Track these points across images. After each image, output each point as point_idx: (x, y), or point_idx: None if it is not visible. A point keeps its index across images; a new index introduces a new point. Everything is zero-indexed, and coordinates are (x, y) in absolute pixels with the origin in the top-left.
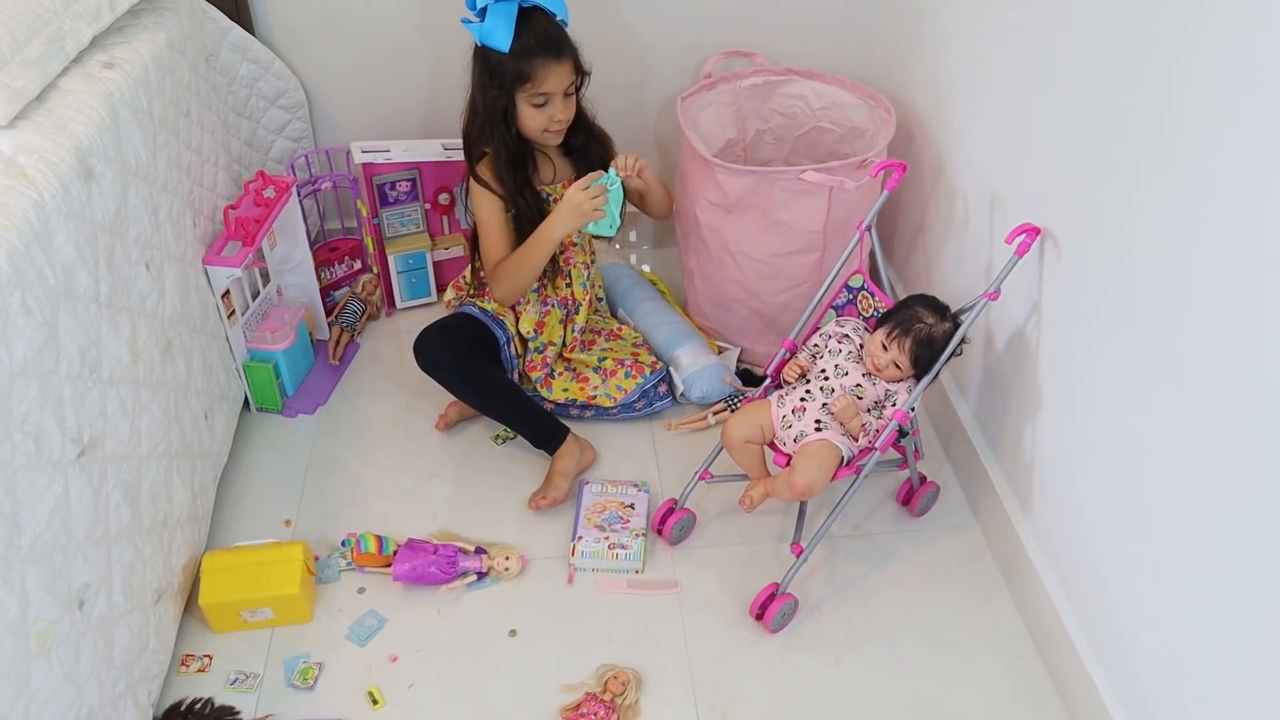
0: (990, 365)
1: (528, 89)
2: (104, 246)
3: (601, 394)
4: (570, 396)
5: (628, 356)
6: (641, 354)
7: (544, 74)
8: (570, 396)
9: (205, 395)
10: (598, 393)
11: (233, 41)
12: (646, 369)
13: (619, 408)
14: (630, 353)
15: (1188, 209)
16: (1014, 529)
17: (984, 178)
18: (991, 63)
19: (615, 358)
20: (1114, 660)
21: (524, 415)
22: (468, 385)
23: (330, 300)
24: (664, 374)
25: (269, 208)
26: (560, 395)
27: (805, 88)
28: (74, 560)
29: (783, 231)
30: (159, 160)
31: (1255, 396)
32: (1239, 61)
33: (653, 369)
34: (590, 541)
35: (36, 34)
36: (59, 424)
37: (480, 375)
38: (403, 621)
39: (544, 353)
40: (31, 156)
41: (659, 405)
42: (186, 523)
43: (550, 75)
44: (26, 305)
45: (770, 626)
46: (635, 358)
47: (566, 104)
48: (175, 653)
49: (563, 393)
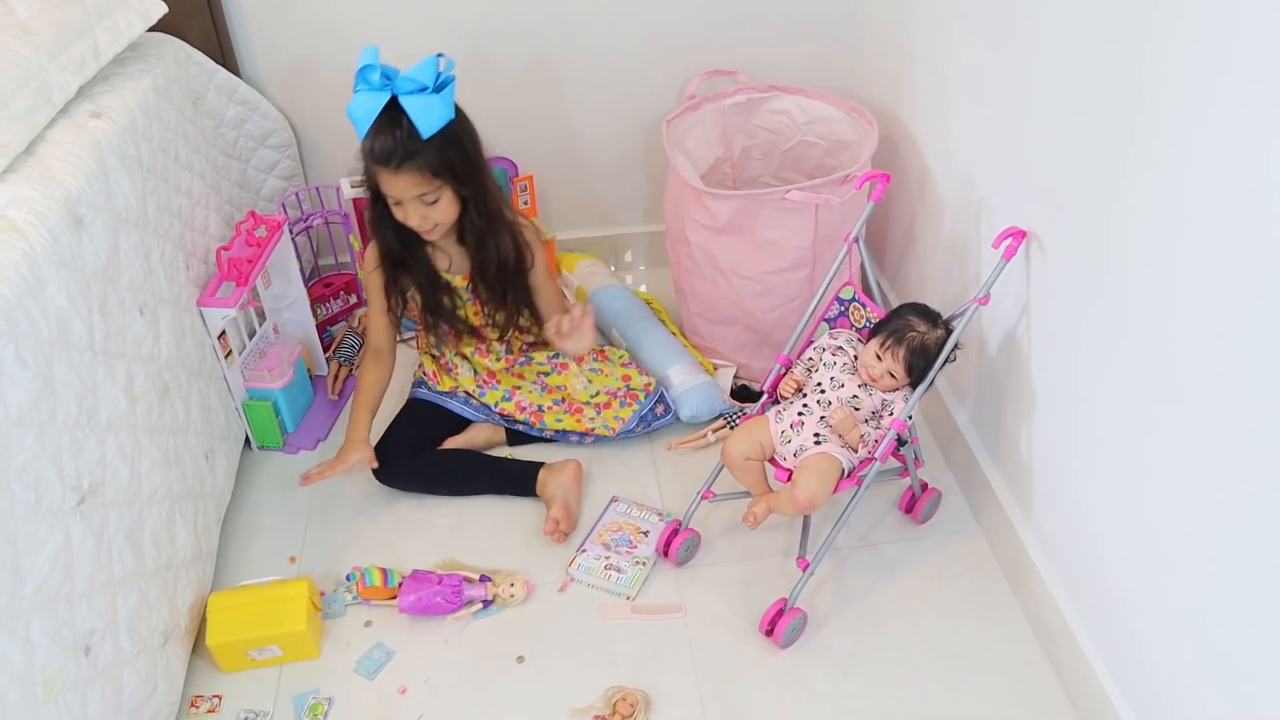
0: (985, 369)
1: (380, 190)
2: (96, 294)
3: (599, 425)
4: (565, 428)
5: (619, 385)
6: (633, 376)
7: (383, 180)
8: (565, 428)
9: (205, 436)
10: (595, 424)
11: (219, 84)
12: (640, 394)
13: (619, 436)
14: (621, 377)
15: (1167, 206)
16: (1016, 533)
17: (968, 183)
18: (970, 69)
19: (607, 389)
20: (1121, 661)
21: (496, 477)
22: (430, 484)
23: (327, 335)
24: (659, 394)
25: (261, 247)
26: (554, 426)
27: (789, 103)
28: (78, 607)
29: (772, 249)
30: (149, 206)
31: (1248, 391)
32: (1212, 62)
33: (646, 391)
34: (591, 557)
35: (23, 87)
36: (58, 472)
37: (436, 470)
38: (410, 653)
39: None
40: (21, 209)
41: (659, 424)
42: (191, 564)
43: (391, 183)
44: (21, 356)
45: (780, 642)
46: (627, 383)
47: (421, 211)
48: (185, 694)
49: (556, 423)
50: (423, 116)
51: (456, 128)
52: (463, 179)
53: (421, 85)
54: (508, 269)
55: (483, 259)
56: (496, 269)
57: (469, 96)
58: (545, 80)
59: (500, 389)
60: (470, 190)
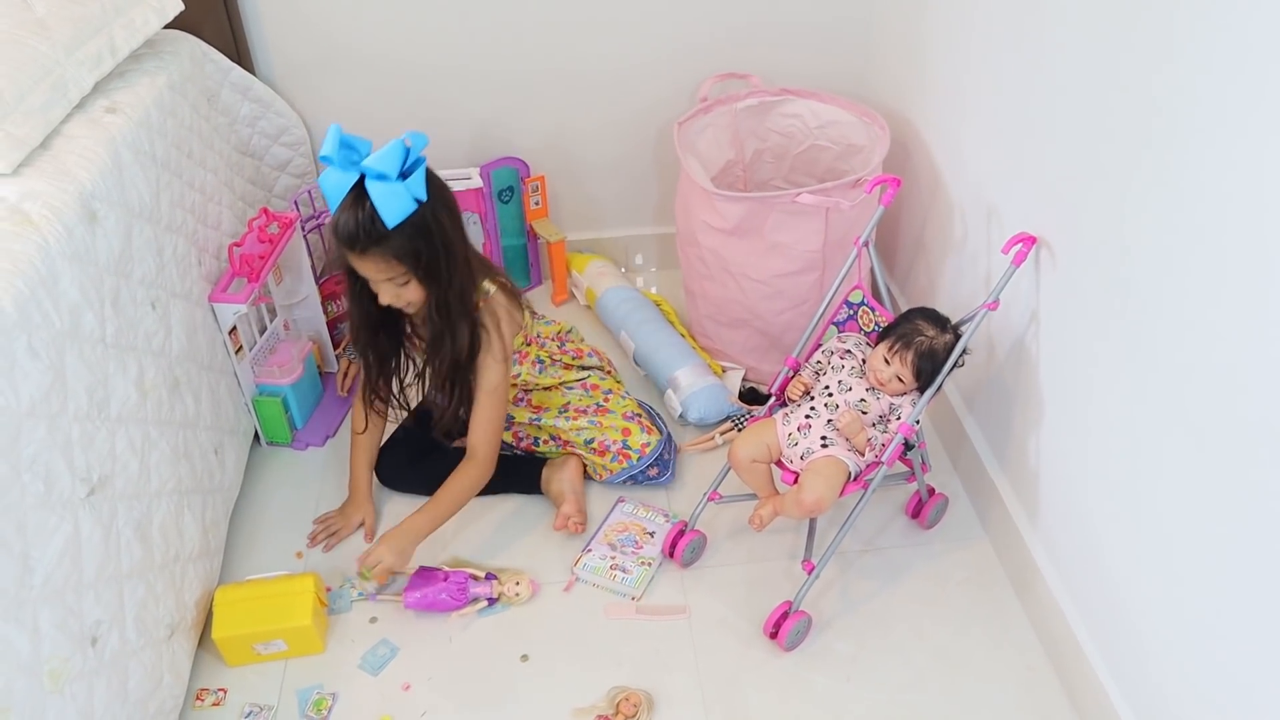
0: (993, 375)
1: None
2: (109, 288)
3: (589, 467)
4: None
5: (617, 439)
6: (633, 432)
7: (352, 260)
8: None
9: (215, 431)
10: (586, 463)
11: (233, 82)
12: (634, 455)
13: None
14: (621, 431)
15: (1179, 213)
16: (1022, 539)
17: (979, 189)
18: (983, 75)
19: (602, 440)
20: (1125, 669)
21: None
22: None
23: (337, 332)
24: (655, 456)
25: (273, 244)
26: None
27: (801, 107)
28: (86, 598)
29: (782, 252)
30: (162, 201)
31: (1259, 400)
32: (1227, 72)
33: (641, 454)
34: (597, 557)
35: (39, 82)
36: (68, 464)
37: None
38: (415, 650)
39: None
40: (36, 202)
41: (650, 483)
42: (198, 558)
43: (359, 264)
44: (33, 348)
45: (784, 645)
46: (625, 439)
47: (394, 291)
48: (190, 687)
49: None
50: (386, 205)
51: (426, 215)
52: (429, 272)
53: (382, 174)
54: (460, 363)
55: (438, 351)
56: (451, 363)
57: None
58: (558, 80)
59: None
60: (435, 288)
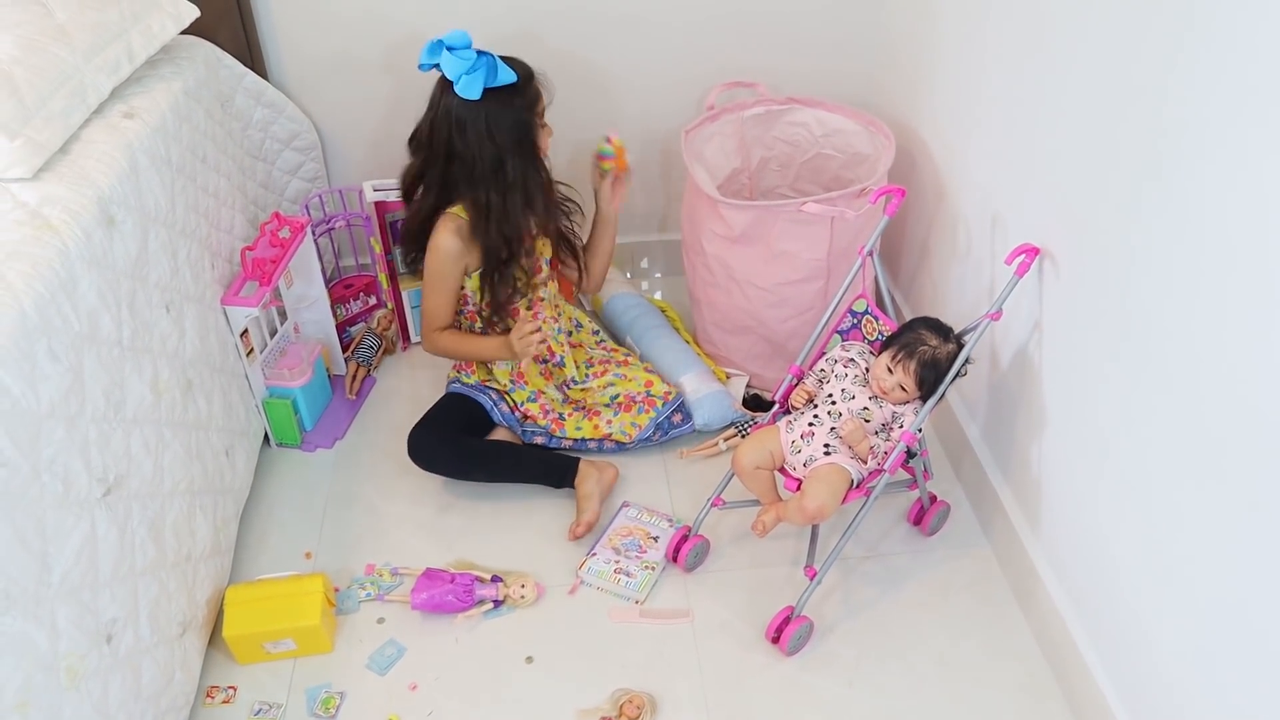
0: (996, 384)
1: (539, 109)
2: (126, 291)
3: (616, 430)
4: (584, 435)
5: (640, 390)
6: (655, 383)
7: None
8: (584, 435)
9: (226, 432)
10: (612, 429)
11: (247, 87)
12: (659, 401)
13: (635, 443)
14: (644, 383)
15: (1184, 225)
16: (1024, 547)
17: (984, 199)
18: (989, 86)
19: (627, 392)
20: (1127, 680)
21: (533, 466)
22: (469, 466)
23: (346, 336)
24: (679, 402)
25: (284, 248)
26: (574, 434)
27: (807, 116)
28: (101, 595)
29: (787, 261)
30: (177, 206)
31: (1262, 414)
32: (1235, 87)
33: (665, 400)
34: (601, 560)
35: (59, 88)
36: (85, 464)
37: (477, 453)
38: (421, 650)
39: (538, 401)
40: (55, 207)
41: (676, 433)
42: (210, 557)
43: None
44: (53, 351)
45: (786, 649)
46: (648, 389)
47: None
48: (200, 684)
49: (575, 431)
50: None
51: None
52: None
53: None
54: None
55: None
56: None
57: None
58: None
59: (527, 389)
60: None
